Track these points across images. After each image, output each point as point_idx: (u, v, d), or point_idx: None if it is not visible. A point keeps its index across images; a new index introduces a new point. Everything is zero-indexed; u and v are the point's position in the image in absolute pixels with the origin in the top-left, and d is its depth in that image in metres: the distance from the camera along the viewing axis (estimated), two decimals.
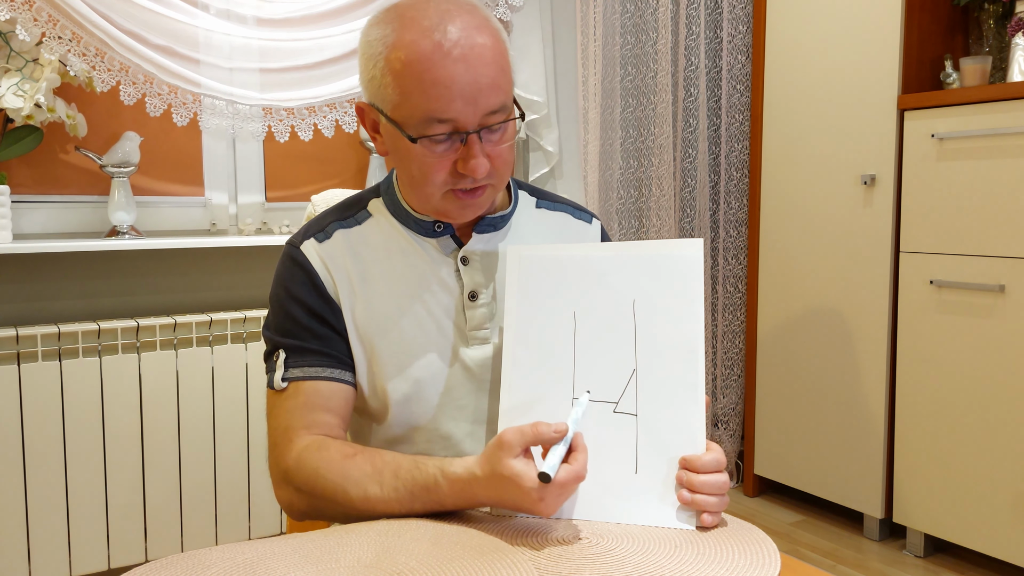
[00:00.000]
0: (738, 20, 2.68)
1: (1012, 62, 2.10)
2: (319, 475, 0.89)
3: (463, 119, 0.88)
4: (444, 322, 0.98)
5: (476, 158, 0.89)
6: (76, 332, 1.80)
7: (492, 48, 0.88)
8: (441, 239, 1.00)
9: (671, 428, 0.84)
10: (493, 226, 1.02)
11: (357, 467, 0.88)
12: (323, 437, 0.94)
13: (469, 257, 1.00)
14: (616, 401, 0.86)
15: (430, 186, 0.92)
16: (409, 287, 0.98)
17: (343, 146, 2.32)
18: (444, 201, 0.94)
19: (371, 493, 0.86)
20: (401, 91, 0.88)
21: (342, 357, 0.97)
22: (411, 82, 0.87)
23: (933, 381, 2.16)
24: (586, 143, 2.54)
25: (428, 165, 0.90)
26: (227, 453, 1.97)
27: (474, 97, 0.87)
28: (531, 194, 1.10)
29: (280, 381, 0.96)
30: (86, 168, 1.98)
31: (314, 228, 1.01)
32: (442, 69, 0.86)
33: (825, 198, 2.39)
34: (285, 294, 0.98)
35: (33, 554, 1.78)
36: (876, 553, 2.28)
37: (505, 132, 0.92)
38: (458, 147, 0.90)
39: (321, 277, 0.97)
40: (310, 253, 0.98)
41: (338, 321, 0.97)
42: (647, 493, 0.83)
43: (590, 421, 0.86)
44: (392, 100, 0.89)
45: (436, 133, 0.88)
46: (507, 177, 0.96)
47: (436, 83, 0.86)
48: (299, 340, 0.96)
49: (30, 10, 1.72)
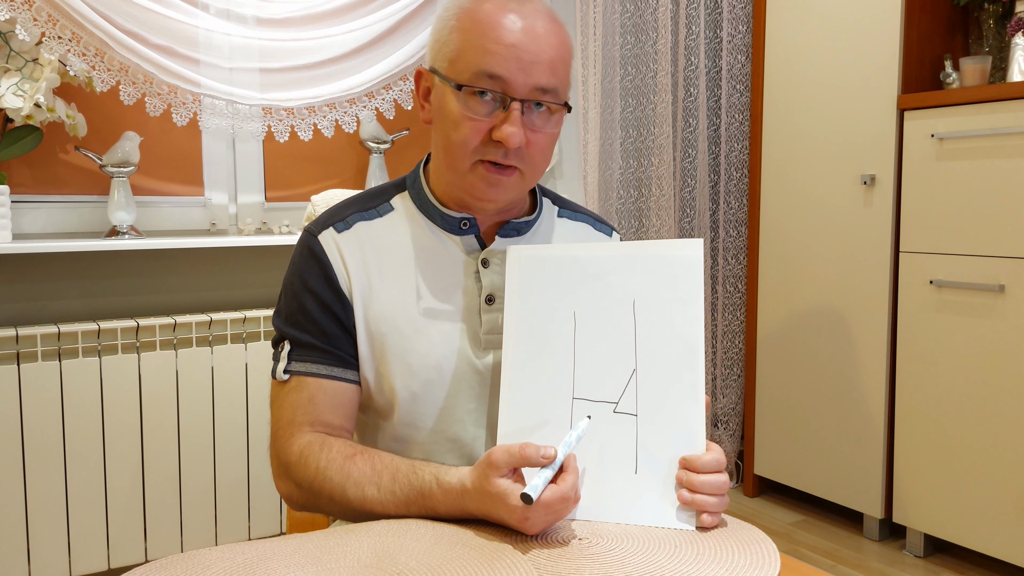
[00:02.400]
0: (738, 20, 2.68)
1: (1012, 62, 2.10)
2: (319, 473, 0.90)
3: (513, 82, 0.90)
4: (459, 324, 0.97)
5: (513, 125, 0.89)
6: (76, 332, 1.80)
7: (557, 36, 0.93)
8: (465, 238, 0.99)
9: (671, 428, 0.84)
10: (517, 230, 1.01)
11: (357, 468, 0.88)
12: (325, 436, 0.94)
13: (490, 259, 0.99)
14: (616, 401, 0.86)
15: (463, 150, 0.92)
16: (427, 285, 0.97)
17: (343, 146, 2.32)
18: (472, 174, 0.93)
19: (368, 494, 0.86)
20: (461, 46, 0.91)
21: (346, 356, 0.96)
22: (475, 37, 0.90)
23: (933, 381, 2.16)
24: (586, 143, 2.54)
25: (466, 125, 0.91)
26: (227, 453, 1.97)
27: (529, 65, 0.90)
28: (554, 203, 1.10)
29: (282, 373, 0.96)
30: (86, 168, 1.98)
31: (335, 217, 0.99)
32: (507, 32, 0.90)
33: (825, 198, 2.39)
34: (300, 283, 0.97)
35: (33, 554, 1.78)
36: (876, 553, 2.28)
37: (549, 119, 0.94)
38: (499, 115, 0.91)
39: (336, 270, 0.96)
40: (327, 243, 0.97)
41: (348, 317, 0.96)
42: (647, 493, 0.83)
43: (591, 419, 0.86)
44: (450, 55, 0.92)
45: (484, 86, 0.90)
46: (539, 169, 0.97)
47: (498, 41, 0.89)
48: (306, 334, 0.96)
49: (30, 10, 1.72)
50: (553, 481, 0.78)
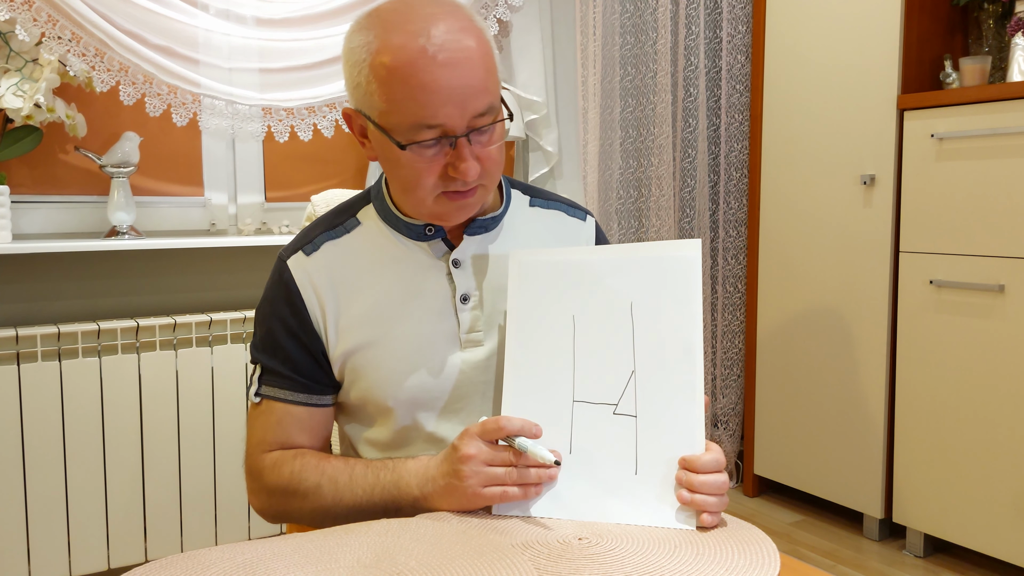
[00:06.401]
0: (738, 20, 2.68)
1: (1012, 62, 2.11)
2: (294, 476, 0.94)
3: (451, 123, 0.87)
4: (437, 327, 0.98)
5: (466, 161, 0.88)
6: (76, 332, 1.80)
7: (478, 50, 0.87)
8: (432, 243, 0.99)
9: (670, 429, 0.84)
10: (484, 227, 1.01)
11: (331, 465, 0.94)
12: (298, 450, 0.98)
13: (461, 260, 0.99)
14: (616, 403, 0.86)
15: (422, 191, 0.91)
16: (400, 294, 0.98)
17: (343, 146, 2.32)
18: (437, 204, 0.93)
19: (341, 481, 0.92)
20: (387, 98, 0.87)
21: (312, 384, 0.98)
22: (397, 89, 0.86)
23: (933, 381, 2.16)
24: (586, 143, 2.55)
25: (418, 171, 0.90)
26: (227, 453, 1.97)
27: (462, 101, 0.86)
28: (524, 192, 1.09)
29: (254, 396, 1.00)
30: (86, 168, 1.98)
31: (303, 240, 1.00)
32: (428, 75, 0.84)
33: (825, 198, 2.39)
34: (268, 310, 0.99)
35: (33, 554, 1.78)
36: (876, 553, 2.28)
37: (494, 133, 0.91)
38: (447, 151, 0.89)
39: (304, 295, 0.97)
40: (296, 270, 0.98)
41: (314, 343, 0.97)
42: (647, 494, 0.83)
43: (590, 423, 0.86)
44: (379, 107, 0.88)
45: (425, 139, 0.87)
46: (498, 177, 0.96)
47: (423, 89, 0.85)
48: (274, 360, 0.98)
49: (29, 10, 1.72)
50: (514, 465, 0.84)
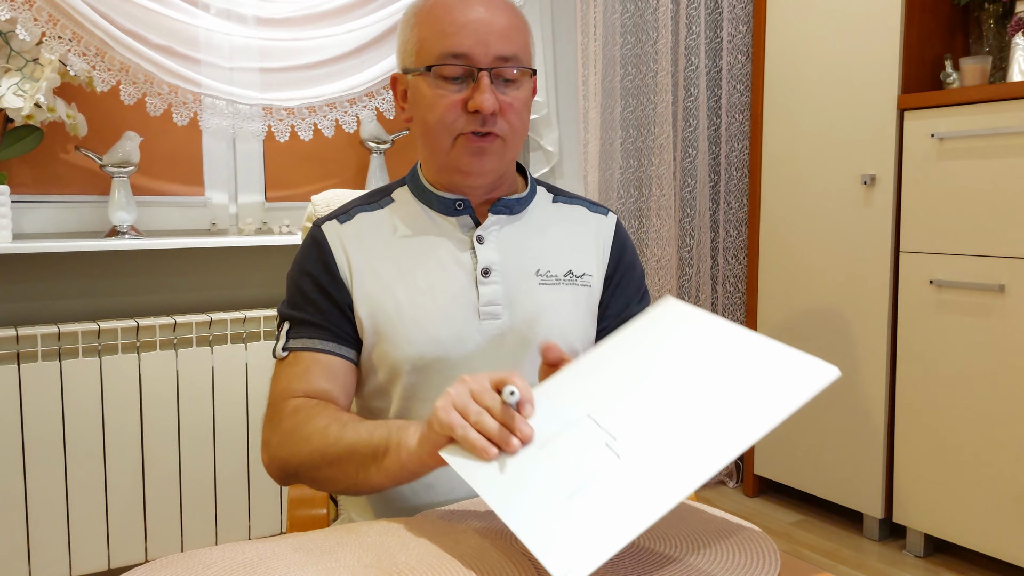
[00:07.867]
0: (738, 20, 2.68)
1: (1012, 62, 2.11)
2: (308, 419, 0.93)
3: (475, 55, 0.95)
4: (458, 299, 1.02)
5: (484, 93, 0.95)
6: (76, 332, 1.80)
7: (508, 8, 0.99)
8: (461, 218, 1.05)
9: (629, 494, 0.70)
10: (508, 208, 1.06)
11: (345, 414, 0.94)
12: (321, 400, 0.98)
13: (484, 236, 1.04)
14: (616, 438, 0.76)
15: (442, 127, 0.98)
16: (426, 264, 1.03)
17: (343, 146, 2.32)
18: (455, 149, 0.99)
19: (348, 424, 0.90)
20: (422, 37, 0.98)
21: (342, 333, 1.01)
22: (432, 24, 0.97)
23: (933, 381, 2.16)
24: (586, 143, 2.55)
25: (440, 104, 0.97)
26: (227, 453, 1.97)
27: (487, 37, 0.96)
28: (548, 191, 1.15)
29: (281, 350, 1.01)
30: (86, 168, 1.98)
31: (338, 211, 1.07)
32: (459, 12, 0.96)
33: (825, 198, 2.39)
34: (297, 269, 1.04)
35: (33, 554, 1.78)
36: (876, 553, 2.28)
37: (519, 87, 0.99)
38: (471, 87, 0.97)
39: (335, 255, 1.02)
40: (329, 232, 1.04)
41: (344, 298, 1.01)
42: (557, 521, 0.69)
43: (579, 436, 0.78)
44: (415, 49, 0.99)
45: (450, 64, 0.96)
46: (519, 135, 1.02)
47: (452, 22, 0.96)
48: (303, 313, 1.02)
49: (30, 10, 1.72)
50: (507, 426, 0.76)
